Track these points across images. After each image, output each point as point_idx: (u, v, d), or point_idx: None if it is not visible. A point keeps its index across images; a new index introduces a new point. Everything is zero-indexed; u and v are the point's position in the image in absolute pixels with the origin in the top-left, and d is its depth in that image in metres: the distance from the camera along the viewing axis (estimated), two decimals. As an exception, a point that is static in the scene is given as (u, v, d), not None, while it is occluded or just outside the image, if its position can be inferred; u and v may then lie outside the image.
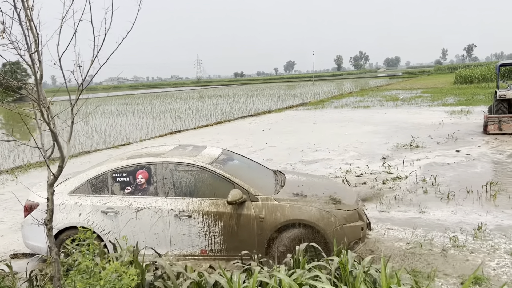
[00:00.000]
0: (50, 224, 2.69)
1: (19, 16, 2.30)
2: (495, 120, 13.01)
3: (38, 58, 2.41)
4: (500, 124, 12.96)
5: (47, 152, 2.82)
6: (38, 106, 2.47)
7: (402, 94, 33.56)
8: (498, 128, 12.98)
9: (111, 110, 34.96)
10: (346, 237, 5.00)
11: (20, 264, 5.56)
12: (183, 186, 5.26)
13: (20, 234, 6.70)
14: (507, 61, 16.40)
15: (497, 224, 6.03)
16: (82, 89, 2.61)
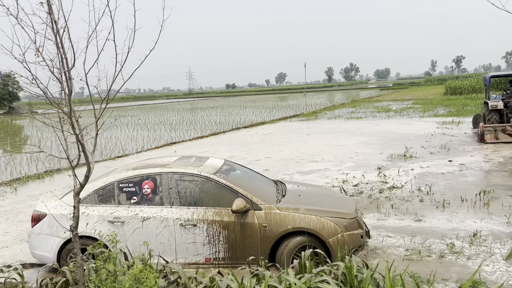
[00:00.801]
0: (76, 231, 2.81)
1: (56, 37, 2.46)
2: (491, 129, 13.50)
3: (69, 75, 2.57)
4: (496, 133, 13.46)
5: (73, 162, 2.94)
6: (70, 119, 2.61)
7: (394, 105, 34.05)
8: (495, 137, 13.46)
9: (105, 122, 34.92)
10: (347, 244, 5.16)
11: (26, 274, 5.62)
12: (188, 195, 5.40)
13: (25, 245, 6.80)
14: (497, 73, 16.92)
15: (491, 230, 6.24)
16: (107, 103, 2.77)
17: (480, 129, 13.88)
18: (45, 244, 5.42)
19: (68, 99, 2.59)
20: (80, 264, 2.88)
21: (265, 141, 17.73)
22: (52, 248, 5.38)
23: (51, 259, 5.38)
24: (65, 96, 2.60)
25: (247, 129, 23.61)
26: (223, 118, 31.77)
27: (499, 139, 13.47)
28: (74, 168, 2.90)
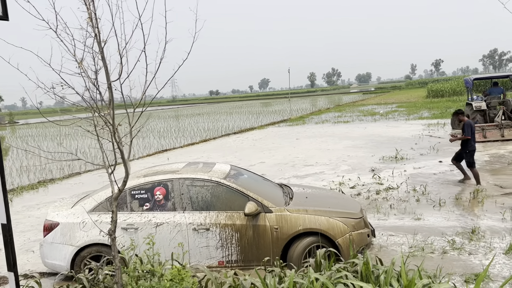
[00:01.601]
0: (114, 234, 2.93)
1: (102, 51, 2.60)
2: (479, 129, 13.97)
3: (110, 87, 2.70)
4: (484, 132, 14.04)
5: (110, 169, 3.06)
6: (112, 128, 2.74)
7: (378, 109, 34.67)
8: (483, 136, 14.00)
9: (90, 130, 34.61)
10: (355, 243, 5.36)
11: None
12: (200, 200, 5.53)
13: (30, 254, 6.81)
14: (480, 76, 17.68)
15: (488, 226, 6.52)
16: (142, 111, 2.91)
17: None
18: (58, 252, 5.47)
19: (112, 108, 2.72)
20: (119, 266, 2.99)
21: (257, 146, 17.91)
22: (66, 257, 5.43)
23: (64, 267, 5.42)
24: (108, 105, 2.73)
25: (237, 135, 23.76)
26: (211, 125, 31.86)
27: (487, 138, 14.01)
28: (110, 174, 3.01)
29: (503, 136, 14.06)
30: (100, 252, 5.44)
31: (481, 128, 14.14)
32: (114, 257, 2.93)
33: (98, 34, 2.67)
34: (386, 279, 3.44)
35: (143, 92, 3.05)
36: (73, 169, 15.51)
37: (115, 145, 2.85)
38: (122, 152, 2.84)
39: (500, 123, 14.44)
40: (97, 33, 2.67)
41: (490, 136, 14.08)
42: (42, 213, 9.49)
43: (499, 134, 14.11)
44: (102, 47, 2.65)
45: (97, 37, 2.67)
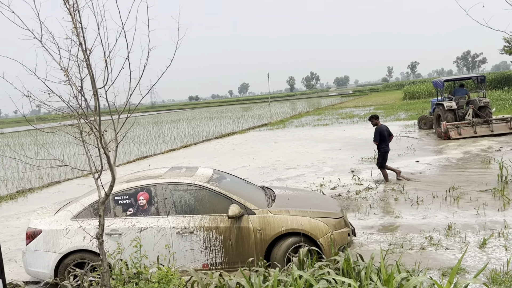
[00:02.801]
0: (102, 238, 2.99)
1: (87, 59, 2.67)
2: (454, 127, 15.15)
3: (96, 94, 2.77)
4: (459, 129, 15.12)
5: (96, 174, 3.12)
6: (99, 133, 2.81)
7: (357, 111, 35.23)
8: (458, 133, 15.12)
9: (68, 139, 34.12)
10: (336, 242, 5.50)
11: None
12: (183, 204, 5.60)
13: (13, 264, 6.74)
14: (449, 77, 18.89)
15: (464, 223, 6.77)
16: (127, 117, 2.99)
17: (444, 127, 15.18)
18: (41, 260, 5.44)
19: (98, 115, 2.79)
20: (106, 269, 3.04)
21: (238, 151, 18.00)
22: (49, 264, 5.40)
23: (48, 275, 5.40)
24: (94, 111, 2.80)
25: (218, 140, 23.79)
26: (192, 130, 31.80)
27: (462, 135, 15.05)
28: (97, 179, 3.07)
29: (475, 132, 15.12)
30: (84, 259, 5.43)
31: (456, 126, 15.16)
32: (102, 260, 2.98)
33: (83, 43, 2.74)
34: (366, 274, 3.59)
35: (127, 97, 3.13)
36: (53, 178, 15.28)
37: (101, 150, 2.91)
38: (108, 157, 2.90)
39: (471, 121, 15.38)
40: (82, 42, 2.74)
41: (465, 133, 15.11)
42: (21, 222, 9.36)
43: (472, 131, 15.15)
44: (87, 55, 2.72)
45: (82, 46, 2.74)
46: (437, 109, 16.85)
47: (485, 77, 17.33)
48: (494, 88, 42.73)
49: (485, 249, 5.70)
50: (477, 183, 9.03)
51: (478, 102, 16.18)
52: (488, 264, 5.19)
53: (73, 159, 19.59)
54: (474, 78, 17.61)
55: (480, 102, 16.15)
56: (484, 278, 4.82)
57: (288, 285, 3.64)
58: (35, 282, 5.88)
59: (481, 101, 16.18)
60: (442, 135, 15.51)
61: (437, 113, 16.92)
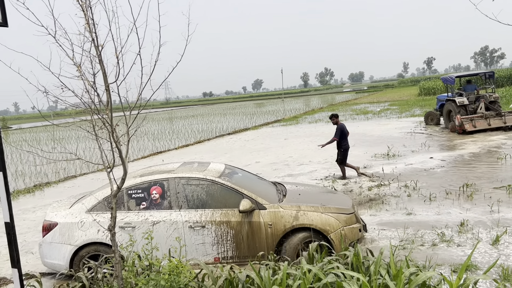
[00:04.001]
0: (114, 230, 3.06)
1: (100, 55, 2.74)
2: (468, 120, 15.44)
3: (108, 89, 2.84)
4: (474, 122, 15.40)
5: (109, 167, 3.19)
6: (111, 127, 2.88)
7: (371, 108, 34.95)
8: (473, 125, 15.36)
9: (83, 134, 34.62)
10: (347, 238, 5.52)
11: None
12: (195, 199, 5.67)
13: (30, 256, 6.91)
14: (461, 74, 18.93)
15: (477, 219, 6.71)
16: (138, 112, 3.05)
17: (458, 120, 15.49)
18: (57, 252, 5.58)
19: (110, 109, 2.86)
20: (118, 260, 3.12)
21: (251, 147, 18.05)
22: (65, 256, 5.54)
23: (64, 266, 5.53)
24: (106, 106, 2.87)
25: (231, 135, 23.89)
26: (205, 126, 31.96)
27: (476, 127, 15.34)
28: (109, 173, 3.15)
29: (489, 125, 15.47)
30: (98, 251, 5.55)
31: (470, 119, 15.48)
32: (114, 252, 3.06)
33: (95, 39, 2.80)
34: (375, 269, 3.60)
35: (139, 92, 3.19)
36: (69, 173, 15.57)
37: (113, 144, 2.98)
38: (120, 151, 2.97)
39: (484, 114, 15.70)
40: (95, 38, 2.80)
41: (479, 126, 15.40)
42: (37, 215, 9.57)
43: (486, 124, 15.50)
44: (100, 51, 2.79)
45: (94, 41, 2.81)
46: (448, 105, 17.06)
47: (494, 73, 17.69)
48: (512, 84, 41.90)
49: (497, 246, 5.64)
50: (492, 180, 8.92)
51: (488, 97, 16.49)
52: (501, 261, 5.15)
53: (88, 154, 19.90)
54: (482, 74, 17.92)
55: (490, 97, 16.49)
56: (495, 275, 4.79)
57: (297, 278, 3.68)
58: (51, 274, 6.02)
59: (491, 96, 16.53)
60: (457, 129, 15.71)
61: (447, 109, 17.18)
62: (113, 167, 3.17)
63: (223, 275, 3.94)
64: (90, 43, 2.87)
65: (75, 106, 3.02)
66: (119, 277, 3.10)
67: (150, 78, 3.19)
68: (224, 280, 3.95)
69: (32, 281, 4.88)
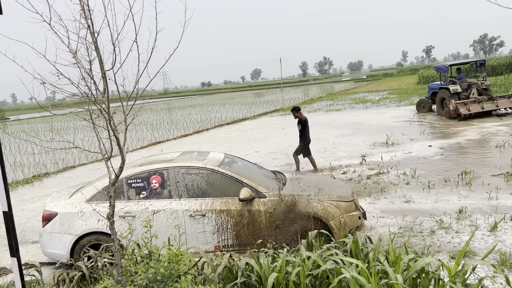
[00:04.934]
0: (112, 218, 3.06)
1: (96, 43, 2.71)
2: (462, 104, 16.13)
3: (104, 76, 2.81)
4: (468, 105, 16.04)
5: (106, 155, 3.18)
6: (108, 115, 2.86)
7: (370, 96, 34.87)
8: (467, 109, 15.99)
9: (82, 125, 34.55)
10: (346, 225, 5.54)
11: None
12: (195, 188, 5.67)
13: (29, 246, 6.94)
14: (454, 62, 19.40)
15: (475, 206, 6.73)
16: (135, 101, 3.02)
17: (453, 105, 16.19)
18: (57, 242, 5.59)
19: (107, 97, 2.84)
20: (118, 249, 3.12)
21: (250, 136, 18.03)
22: (65, 246, 5.56)
23: (64, 256, 5.56)
24: (102, 94, 2.84)
25: (230, 125, 23.86)
26: (204, 116, 31.89)
27: (470, 111, 16.00)
28: (107, 161, 3.13)
29: (483, 108, 16.16)
30: (99, 241, 5.57)
31: (464, 103, 16.15)
32: (113, 240, 3.06)
33: (91, 26, 2.77)
34: (374, 255, 3.61)
35: (136, 80, 3.17)
36: (68, 163, 15.56)
37: (111, 132, 2.96)
38: (118, 139, 2.96)
39: (477, 98, 16.42)
40: (90, 25, 2.77)
41: (473, 109, 16.08)
42: (36, 206, 9.59)
43: (480, 107, 16.17)
44: (95, 38, 2.76)
45: (90, 28, 2.77)
46: (442, 93, 17.68)
47: (485, 61, 18.44)
48: (511, 72, 41.78)
49: (495, 232, 5.67)
50: (490, 167, 8.93)
51: (480, 85, 17.20)
52: (499, 247, 5.17)
53: (87, 144, 19.87)
54: (472, 62, 18.76)
55: (482, 85, 17.23)
56: (493, 261, 4.81)
57: (296, 265, 3.69)
58: (51, 263, 6.05)
59: (483, 84, 17.29)
60: (452, 113, 16.37)
61: (441, 96, 17.78)
62: (110, 156, 3.15)
63: (223, 263, 3.96)
64: (85, 29, 2.84)
65: (72, 95, 2.99)
66: (119, 265, 3.10)
67: (147, 65, 3.16)
68: (224, 268, 3.96)
69: (32, 270, 4.91)
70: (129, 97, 3.26)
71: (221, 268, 3.91)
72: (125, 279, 3.31)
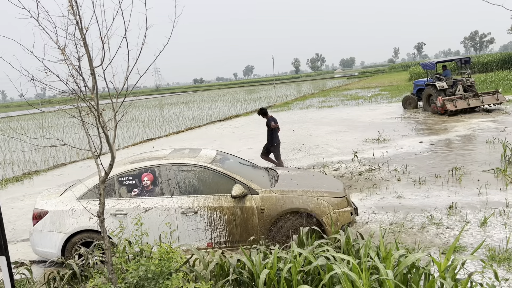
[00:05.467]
0: (102, 216, 3.04)
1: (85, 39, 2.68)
2: (449, 100, 16.53)
3: (93, 72, 2.78)
4: (455, 102, 16.46)
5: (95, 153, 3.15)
6: (97, 112, 2.83)
7: (362, 93, 34.99)
8: (454, 105, 16.43)
9: (72, 122, 34.28)
10: (338, 221, 5.56)
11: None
12: (187, 185, 5.65)
13: (20, 244, 6.88)
14: (441, 59, 19.92)
15: (465, 202, 6.79)
16: (124, 97, 3.00)
17: (440, 101, 16.58)
18: (48, 240, 5.55)
19: (96, 93, 2.81)
20: (108, 247, 3.10)
21: (242, 133, 18.02)
22: (56, 244, 5.51)
23: (55, 254, 5.51)
24: (91, 91, 2.81)
25: (222, 122, 23.81)
26: (196, 113, 31.80)
27: (457, 107, 16.44)
28: (97, 158, 3.11)
29: (468, 104, 16.56)
30: (91, 239, 5.53)
31: (451, 100, 16.55)
32: (104, 238, 3.04)
33: (79, 22, 2.74)
34: (365, 251, 3.64)
35: (126, 77, 3.14)
36: (58, 161, 15.43)
37: (100, 129, 2.94)
38: (107, 136, 2.93)
39: (463, 95, 16.88)
40: (79, 21, 2.73)
41: (460, 105, 16.49)
42: (26, 204, 9.51)
43: (466, 103, 16.57)
44: (84, 34, 2.73)
45: (78, 24, 2.74)
46: (428, 89, 18.03)
47: (470, 58, 18.74)
48: (502, 69, 42.14)
49: (485, 227, 5.73)
50: (480, 163, 9.02)
51: (465, 82, 17.64)
52: (488, 242, 5.23)
53: (77, 142, 19.74)
54: (457, 60, 19.01)
55: (467, 82, 17.67)
56: (483, 256, 4.86)
57: (288, 262, 3.70)
58: (41, 262, 6.00)
59: (468, 81, 17.73)
60: (439, 109, 16.74)
61: (427, 93, 18.10)
62: (100, 153, 3.13)
63: (214, 260, 3.95)
64: (74, 26, 2.81)
65: (61, 91, 2.96)
66: (109, 263, 3.08)
67: (137, 61, 3.14)
68: (216, 265, 3.96)
69: (22, 269, 4.86)
70: (119, 94, 3.23)
71: (212, 265, 3.91)
72: (116, 276, 3.30)
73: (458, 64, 19.17)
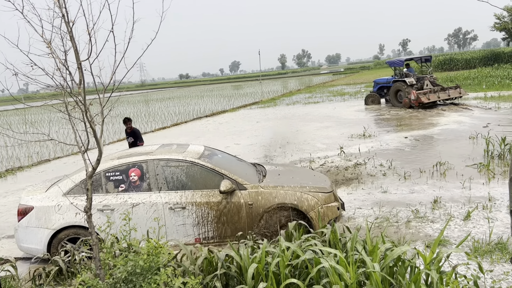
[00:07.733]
0: (90, 212, 3.01)
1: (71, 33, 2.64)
2: (422, 94, 17.90)
3: (80, 66, 2.75)
4: (428, 95, 17.92)
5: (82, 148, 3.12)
6: (84, 107, 2.80)
7: (348, 89, 35.21)
8: (427, 98, 17.84)
9: (57, 117, 33.77)
10: (326, 216, 5.61)
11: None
12: (175, 180, 5.63)
13: (3, 241, 6.78)
14: (409, 57, 21.04)
15: (450, 196, 6.91)
16: (111, 92, 2.97)
17: (414, 94, 17.89)
18: (33, 236, 5.48)
19: (83, 89, 2.78)
20: (96, 242, 3.08)
21: (227, 130, 18.00)
22: (42, 240, 5.45)
23: (41, 250, 5.45)
24: (78, 85, 2.78)
25: (208, 118, 23.74)
26: (182, 109, 31.62)
27: (430, 99, 17.89)
28: (84, 153, 3.08)
29: (439, 97, 18.21)
30: (77, 235, 5.48)
31: (424, 93, 17.95)
32: (91, 233, 3.02)
33: (66, 15, 2.70)
34: (352, 245, 3.68)
35: (113, 71, 3.11)
36: (42, 156, 15.21)
37: (87, 124, 2.91)
38: (94, 131, 2.90)
39: (432, 89, 18.42)
40: (65, 14, 2.70)
41: (432, 98, 18.00)
42: (9, 200, 9.36)
43: (436, 96, 18.15)
44: (70, 27, 2.69)
45: (64, 17, 2.70)
46: (397, 85, 19.26)
47: (431, 57, 21.02)
48: (484, 66, 42.80)
49: (469, 221, 5.84)
50: (464, 158, 9.18)
51: (429, 78, 19.25)
52: (472, 235, 5.34)
53: (62, 137, 19.47)
54: (417, 59, 20.68)
55: (431, 78, 19.39)
56: (467, 248, 4.97)
57: (276, 256, 3.72)
58: (27, 258, 5.92)
59: (431, 77, 19.45)
60: (413, 102, 18.04)
61: (396, 88, 19.38)
62: (87, 149, 3.10)
63: (203, 255, 3.96)
64: (60, 19, 2.77)
65: (47, 85, 2.92)
66: (97, 259, 3.07)
67: (124, 55, 3.11)
68: (204, 259, 3.97)
69: (7, 265, 4.80)
70: (106, 89, 3.20)
71: (201, 260, 3.91)
72: (104, 272, 3.28)
73: (418, 62, 20.89)
